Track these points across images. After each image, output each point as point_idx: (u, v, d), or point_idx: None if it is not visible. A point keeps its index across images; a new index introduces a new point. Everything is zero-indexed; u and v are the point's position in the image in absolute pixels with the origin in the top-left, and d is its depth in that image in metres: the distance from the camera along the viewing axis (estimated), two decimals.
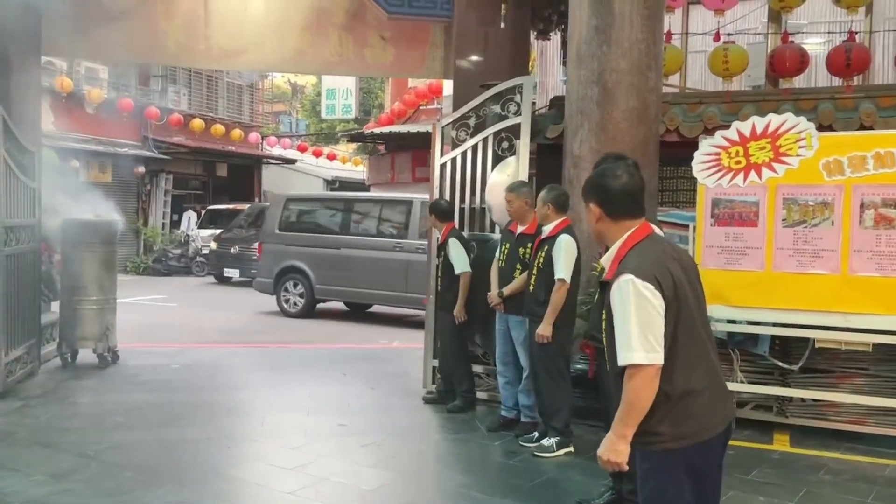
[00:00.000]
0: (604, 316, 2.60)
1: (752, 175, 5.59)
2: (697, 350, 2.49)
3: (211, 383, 7.32)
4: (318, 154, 26.66)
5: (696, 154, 5.83)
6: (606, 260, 2.62)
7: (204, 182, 24.36)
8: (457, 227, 6.57)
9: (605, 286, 2.61)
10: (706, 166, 5.74)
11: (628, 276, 2.40)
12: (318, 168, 28.97)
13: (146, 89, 21.16)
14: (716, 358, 2.60)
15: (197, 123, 20.98)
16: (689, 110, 7.57)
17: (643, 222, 2.60)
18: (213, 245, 18.11)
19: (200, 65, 14.58)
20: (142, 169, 20.26)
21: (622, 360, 2.39)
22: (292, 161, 26.89)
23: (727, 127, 5.94)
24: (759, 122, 5.62)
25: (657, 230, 2.78)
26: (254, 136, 24.04)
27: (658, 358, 2.36)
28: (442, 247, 6.36)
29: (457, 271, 6.20)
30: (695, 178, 5.94)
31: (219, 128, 21.65)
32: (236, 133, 22.65)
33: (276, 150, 26.31)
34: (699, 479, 2.53)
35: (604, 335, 2.62)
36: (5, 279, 6.43)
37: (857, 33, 7.76)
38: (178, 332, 10.57)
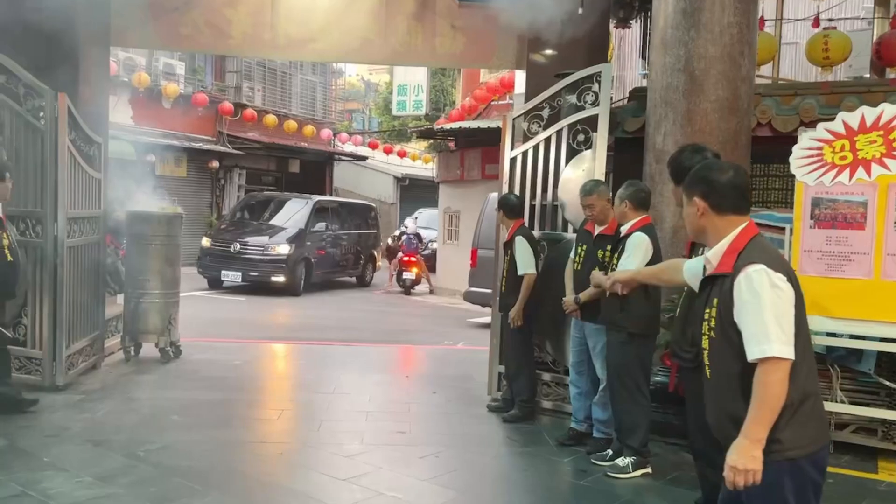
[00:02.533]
0: (708, 314, 2.39)
1: (860, 172, 4.99)
2: (810, 351, 2.38)
3: (270, 382, 7.14)
4: (388, 151, 26.58)
5: (795, 148, 5.26)
6: (715, 254, 2.44)
7: (277, 178, 24.56)
8: (526, 224, 6.16)
9: (709, 282, 2.45)
10: (806, 162, 5.17)
11: (760, 266, 2.27)
12: (389, 165, 28.92)
13: (221, 85, 21.43)
14: None
15: (270, 119, 21.11)
16: (784, 102, 6.98)
17: (751, 220, 2.44)
18: (206, 242, 15.02)
19: (266, 55, 14.42)
20: (216, 163, 20.52)
21: (757, 354, 2.22)
22: (363, 158, 26.89)
23: (827, 120, 5.37)
24: (869, 114, 5.02)
25: None
26: (326, 132, 24.08)
27: (792, 352, 2.23)
28: (508, 245, 5.96)
29: (520, 272, 5.78)
30: (787, 177, 5.40)
31: (291, 124, 21.74)
32: (309, 129, 22.72)
33: (348, 147, 26.36)
34: (817, 493, 2.31)
35: (707, 334, 2.40)
36: (68, 271, 6.36)
37: None
38: (243, 327, 10.49)
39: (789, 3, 10.29)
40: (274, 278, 14.45)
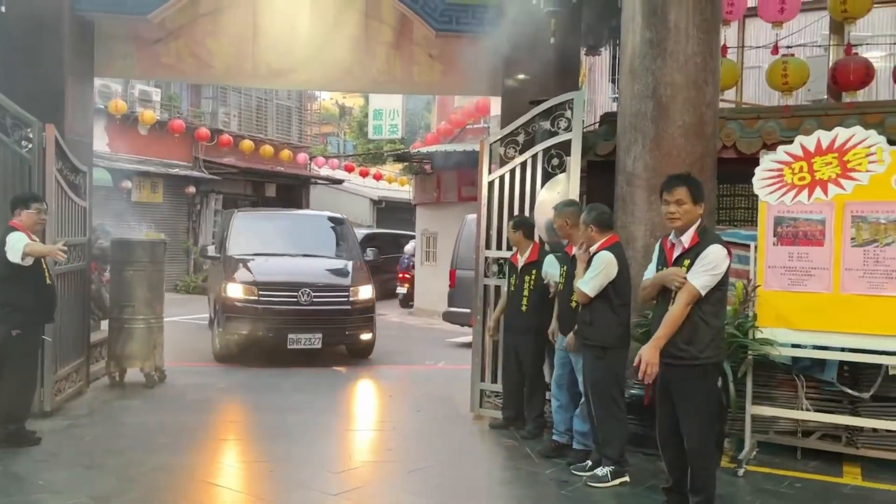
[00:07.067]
0: None
1: (818, 192, 5.30)
2: None
3: (256, 404, 7.23)
4: (364, 174, 26.79)
5: (757, 170, 5.57)
6: None
7: (254, 202, 24.55)
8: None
9: None
10: (768, 182, 5.47)
11: None
12: (365, 188, 29.11)
13: (197, 111, 21.54)
14: None
15: (247, 144, 21.24)
16: (747, 125, 7.30)
17: None
18: (236, 291, 9.29)
19: (248, 84, 14.57)
20: (192, 189, 20.57)
21: None
22: (339, 181, 27.06)
23: (787, 142, 5.69)
24: (824, 137, 5.35)
25: None
26: (302, 156, 24.24)
27: None
28: (532, 265, 6.12)
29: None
30: (753, 196, 5.68)
31: (268, 148, 21.89)
32: (285, 153, 22.88)
33: (324, 171, 26.52)
34: None
35: None
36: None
37: None
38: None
39: (751, 30, 10.73)
40: (362, 336, 9.90)
